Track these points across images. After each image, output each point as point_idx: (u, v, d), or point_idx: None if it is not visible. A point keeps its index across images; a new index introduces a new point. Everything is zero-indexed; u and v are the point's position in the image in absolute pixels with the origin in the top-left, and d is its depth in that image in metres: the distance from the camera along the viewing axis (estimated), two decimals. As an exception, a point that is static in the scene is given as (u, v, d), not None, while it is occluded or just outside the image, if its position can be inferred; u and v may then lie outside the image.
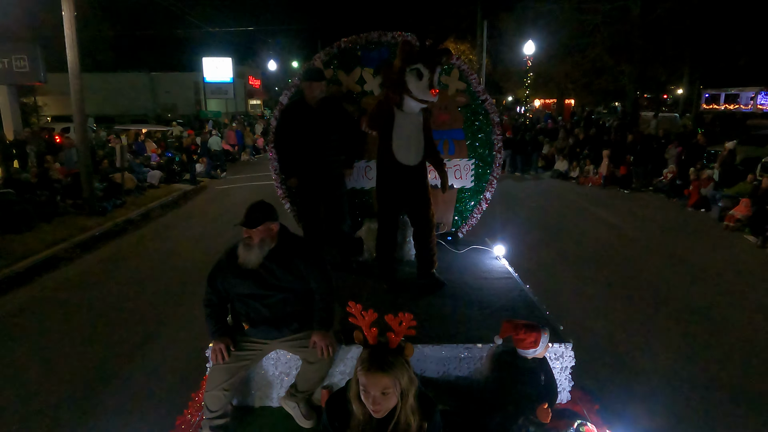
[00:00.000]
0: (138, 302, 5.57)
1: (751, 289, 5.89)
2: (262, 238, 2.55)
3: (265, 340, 2.72)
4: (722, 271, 6.50)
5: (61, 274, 6.63)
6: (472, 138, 4.83)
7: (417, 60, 3.43)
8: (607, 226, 8.76)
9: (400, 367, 1.78)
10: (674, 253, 7.25)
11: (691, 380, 3.96)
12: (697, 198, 9.63)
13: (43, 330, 4.95)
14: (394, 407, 1.80)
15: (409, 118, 3.63)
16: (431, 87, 3.42)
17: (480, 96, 4.76)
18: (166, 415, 3.33)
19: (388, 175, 3.74)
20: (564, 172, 13.74)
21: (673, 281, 6.10)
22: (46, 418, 3.59)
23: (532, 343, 2.58)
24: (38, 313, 5.38)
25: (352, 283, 3.90)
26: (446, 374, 2.94)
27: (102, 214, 9.13)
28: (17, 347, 4.64)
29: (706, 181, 9.73)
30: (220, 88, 29.89)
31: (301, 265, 2.65)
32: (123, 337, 4.77)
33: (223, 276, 2.66)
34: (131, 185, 10.78)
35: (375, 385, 1.76)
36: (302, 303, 2.71)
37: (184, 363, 4.15)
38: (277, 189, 4.82)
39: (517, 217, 9.24)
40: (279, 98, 4.79)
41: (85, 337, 4.79)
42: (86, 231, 8.28)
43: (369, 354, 1.84)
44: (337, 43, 4.65)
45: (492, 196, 4.95)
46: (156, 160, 13.33)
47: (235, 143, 18.55)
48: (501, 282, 3.99)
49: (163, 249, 7.73)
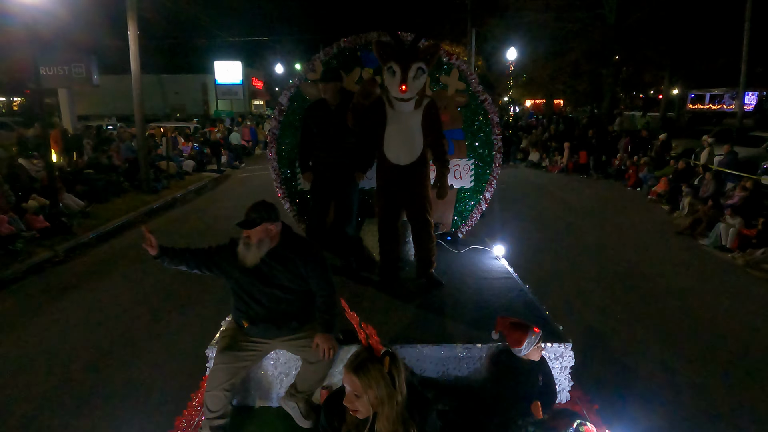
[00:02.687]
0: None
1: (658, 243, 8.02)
2: (260, 239, 2.57)
3: (264, 338, 2.74)
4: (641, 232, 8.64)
5: (126, 239, 8.44)
6: (472, 138, 4.85)
7: (390, 58, 3.52)
8: (561, 202, 11.02)
9: (374, 377, 1.75)
10: (607, 219, 9.50)
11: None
12: (635, 179, 11.90)
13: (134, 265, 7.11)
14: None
15: (402, 117, 3.63)
16: (402, 82, 3.46)
17: (479, 96, 4.77)
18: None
19: (382, 175, 3.77)
20: (537, 162, 16.00)
21: (604, 240, 8.10)
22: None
23: (515, 342, 2.65)
24: (125, 257, 7.29)
25: (352, 283, 3.94)
26: (446, 374, 2.96)
27: (154, 193, 11.37)
28: (105, 282, 6.35)
29: (643, 166, 11.99)
30: (231, 89, 32.17)
31: (302, 265, 2.65)
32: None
33: (229, 261, 2.68)
34: (173, 171, 13.02)
35: (348, 383, 1.79)
36: (302, 303, 2.73)
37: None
38: (276, 189, 4.91)
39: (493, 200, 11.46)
40: (279, 98, 4.87)
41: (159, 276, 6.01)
42: (146, 204, 10.53)
43: (355, 353, 1.87)
44: (337, 43, 4.68)
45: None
46: (188, 152, 15.58)
47: (249, 139, 20.80)
48: (500, 282, 4.01)
49: (206, 217, 9.93)
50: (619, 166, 13.17)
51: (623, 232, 8.65)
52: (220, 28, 31.96)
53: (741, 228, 7.38)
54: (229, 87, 31.98)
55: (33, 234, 7.38)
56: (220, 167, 15.60)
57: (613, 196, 11.58)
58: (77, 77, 13.70)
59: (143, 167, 11.24)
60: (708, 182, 9.51)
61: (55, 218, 7.91)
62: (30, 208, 7.77)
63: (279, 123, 4.87)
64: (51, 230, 7.70)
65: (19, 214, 7.53)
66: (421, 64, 3.52)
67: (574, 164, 14.44)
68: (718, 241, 7.56)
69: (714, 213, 8.08)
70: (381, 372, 1.75)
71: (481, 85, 4.80)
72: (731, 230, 7.37)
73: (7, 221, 7.05)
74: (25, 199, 8.05)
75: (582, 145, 14.56)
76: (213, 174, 15.02)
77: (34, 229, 7.49)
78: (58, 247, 7.36)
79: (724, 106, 33.86)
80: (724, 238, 7.48)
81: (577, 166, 14.43)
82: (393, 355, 1.81)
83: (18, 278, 6.34)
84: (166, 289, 5.88)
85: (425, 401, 1.95)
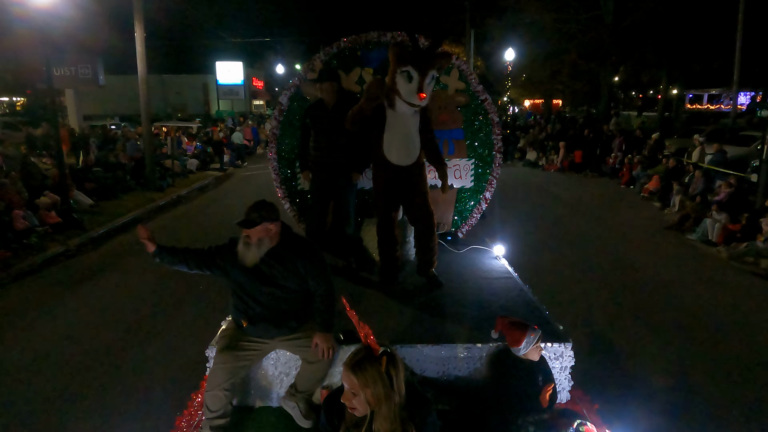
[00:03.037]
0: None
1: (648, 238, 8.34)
2: (260, 238, 2.58)
3: (264, 338, 2.74)
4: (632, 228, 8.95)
5: (135, 234, 9.02)
6: (472, 138, 4.84)
7: (408, 62, 3.40)
8: (555, 199, 11.33)
9: (372, 375, 1.76)
10: (600, 216, 9.80)
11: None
12: (628, 177, 12.20)
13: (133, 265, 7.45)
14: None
15: (402, 119, 3.60)
16: (420, 91, 3.38)
17: (479, 96, 4.76)
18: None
19: (382, 176, 3.75)
20: (534, 161, 16.30)
21: (597, 234, 8.46)
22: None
23: (514, 341, 2.66)
24: (132, 252, 7.45)
25: (352, 283, 3.95)
26: (446, 374, 2.96)
27: (160, 190, 11.68)
28: (115, 276, 6.73)
29: (636, 165, 12.30)
30: (232, 89, 32.52)
31: (301, 265, 2.65)
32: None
33: (228, 260, 2.70)
34: (178, 170, 13.33)
35: (346, 381, 1.81)
36: (300, 302, 2.74)
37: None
38: (276, 189, 4.90)
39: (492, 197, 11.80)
40: (279, 98, 4.89)
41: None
42: (153, 201, 10.84)
43: (354, 351, 1.88)
44: (337, 42, 4.66)
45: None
46: (191, 151, 15.89)
47: (251, 138, 21.10)
48: (501, 282, 4.01)
49: (211, 214, 10.26)
50: (613, 164, 13.48)
51: (615, 227, 8.95)
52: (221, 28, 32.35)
53: (726, 223, 7.67)
54: (231, 87, 32.34)
55: (46, 229, 7.69)
56: (223, 166, 15.90)
57: (606, 194, 11.89)
58: (83, 78, 14.01)
59: (149, 165, 11.54)
60: (697, 180, 9.81)
61: (66, 214, 8.22)
62: (43, 204, 8.08)
63: (279, 123, 4.89)
64: (63, 225, 8.01)
65: (32, 210, 7.84)
66: (435, 71, 3.49)
67: (569, 163, 14.74)
68: (705, 236, 7.86)
69: (701, 209, 8.38)
70: (378, 371, 1.77)
71: (481, 85, 4.80)
72: (717, 225, 7.67)
73: (22, 216, 7.36)
74: (37, 195, 8.35)
75: (577, 145, 14.86)
76: (216, 172, 15.34)
77: (47, 224, 7.80)
78: (70, 241, 7.67)
79: (722, 106, 34.14)
80: (710, 233, 7.77)
81: (572, 165, 14.73)
82: (392, 354, 1.82)
83: (35, 270, 6.66)
84: (169, 286, 5.92)
85: (425, 401, 1.96)
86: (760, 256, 6.76)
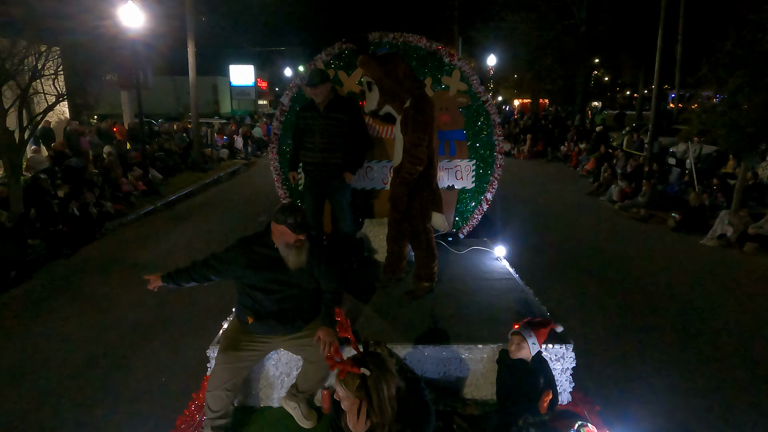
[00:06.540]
0: (241, 211, 11.19)
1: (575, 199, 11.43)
2: (303, 241, 2.61)
3: (268, 336, 2.76)
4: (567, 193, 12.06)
5: (197, 200, 12.02)
6: (473, 139, 4.79)
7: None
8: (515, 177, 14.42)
9: (356, 387, 1.88)
10: (548, 188, 12.89)
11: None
12: (576, 161, 15.34)
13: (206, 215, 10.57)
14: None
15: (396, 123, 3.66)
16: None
17: (481, 97, 4.72)
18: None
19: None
20: (508, 151, 19.39)
21: (543, 200, 11.48)
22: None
23: (512, 352, 2.72)
24: (195, 212, 10.81)
25: (353, 283, 3.90)
26: (446, 375, 2.97)
27: (204, 172, 14.78)
28: (187, 229, 10.17)
29: (583, 151, 15.42)
30: (243, 90, 35.63)
31: (315, 263, 2.69)
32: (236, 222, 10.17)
33: (238, 262, 2.66)
34: (215, 157, 16.45)
35: (336, 387, 1.95)
36: (308, 301, 2.78)
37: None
38: (278, 189, 4.87)
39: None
40: (281, 99, 4.86)
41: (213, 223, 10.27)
42: (200, 180, 13.93)
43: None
44: (338, 43, 4.62)
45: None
46: (221, 143, 19.02)
47: (266, 134, 24.20)
48: (501, 283, 3.99)
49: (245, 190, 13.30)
50: (566, 152, 16.63)
51: (556, 194, 12.09)
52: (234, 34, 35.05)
53: (626, 188, 10.76)
54: (242, 88, 35.42)
55: (138, 193, 10.81)
56: (248, 155, 19.04)
57: (557, 173, 15.01)
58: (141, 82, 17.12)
59: (196, 152, 14.63)
60: (619, 160, 12.92)
61: (149, 184, 11.34)
62: (134, 175, 11.19)
63: (281, 123, 4.95)
64: (147, 192, 11.12)
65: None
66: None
67: (535, 152, 17.87)
68: (612, 197, 10.95)
69: (611, 179, 11.48)
70: (354, 383, 1.89)
71: (482, 86, 4.83)
72: (617, 189, 10.77)
73: (125, 183, 10.47)
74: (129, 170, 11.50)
75: (541, 137, 17.99)
76: (242, 160, 18.46)
77: (138, 190, 10.91)
78: (155, 202, 10.78)
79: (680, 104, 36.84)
80: (614, 194, 10.87)
81: (536, 153, 17.83)
82: (375, 373, 1.88)
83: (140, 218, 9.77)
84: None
85: (424, 403, 2.01)
86: (638, 207, 9.85)
